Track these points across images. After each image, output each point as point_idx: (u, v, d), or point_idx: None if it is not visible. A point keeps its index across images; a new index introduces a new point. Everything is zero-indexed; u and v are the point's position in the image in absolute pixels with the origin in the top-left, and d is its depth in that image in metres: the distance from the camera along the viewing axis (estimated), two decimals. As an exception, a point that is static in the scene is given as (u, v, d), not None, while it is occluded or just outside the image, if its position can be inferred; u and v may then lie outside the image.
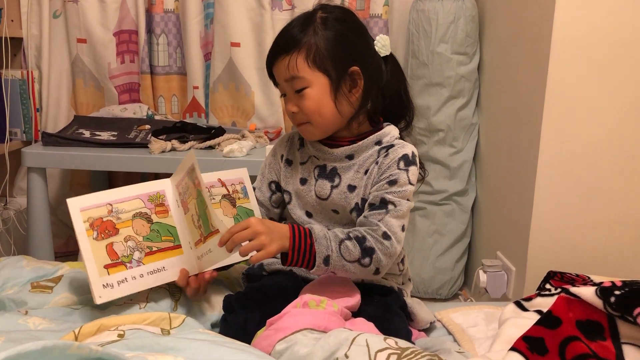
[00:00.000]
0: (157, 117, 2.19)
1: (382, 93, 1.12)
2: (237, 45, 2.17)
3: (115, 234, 1.03)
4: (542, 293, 1.11)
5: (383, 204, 1.04)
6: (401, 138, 1.13)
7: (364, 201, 1.08)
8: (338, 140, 1.12)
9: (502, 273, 1.80)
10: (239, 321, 1.01)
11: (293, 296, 1.01)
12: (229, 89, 2.24)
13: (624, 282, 0.92)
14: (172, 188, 1.11)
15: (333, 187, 1.11)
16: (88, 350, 0.62)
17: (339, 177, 1.11)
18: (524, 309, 1.09)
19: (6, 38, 2.10)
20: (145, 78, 2.22)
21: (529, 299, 1.11)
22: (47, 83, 2.22)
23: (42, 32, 2.19)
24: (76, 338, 0.84)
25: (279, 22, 2.14)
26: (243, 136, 1.96)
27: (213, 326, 1.07)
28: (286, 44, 1.06)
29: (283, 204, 1.20)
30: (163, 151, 1.80)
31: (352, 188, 1.10)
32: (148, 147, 1.81)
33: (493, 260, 1.84)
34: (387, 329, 0.97)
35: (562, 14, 1.53)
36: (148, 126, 2.02)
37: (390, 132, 1.12)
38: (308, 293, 1.01)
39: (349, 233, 1.02)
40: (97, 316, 0.98)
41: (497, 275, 1.79)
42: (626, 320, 0.88)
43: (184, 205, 1.08)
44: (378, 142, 1.10)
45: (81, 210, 1.01)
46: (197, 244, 1.07)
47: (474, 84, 2.10)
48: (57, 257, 1.81)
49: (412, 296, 1.19)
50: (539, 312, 1.05)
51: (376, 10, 2.23)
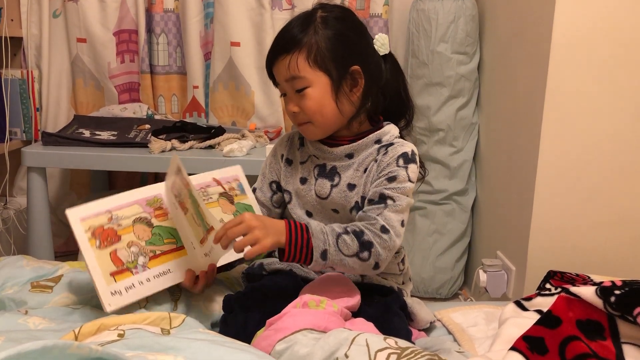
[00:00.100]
0: (157, 117, 2.19)
1: (382, 92, 1.12)
2: (237, 44, 2.17)
3: (117, 241, 1.02)
4: (542, 293, 1.11)
5: (382, 199, 1.04)
6: (401, 137, 1.13)
7: (364, 199, 1.08)
8: (338, 139, 1.12)
9: (502, 273, 1.80)
10: (239, 321, 1.00)
11: (293, 296, 1.01)
12: (229, 89, 2.24)
13: (624, 282, 0.92)
14: (167, 190, 1.11)
15: (333, 186, 1.11)
16: (88, 349, 0.62)
17: (339, 176, 1.11)
18: (524, 309, 1.09)
19: (6, 37, 2.10)
20: (145, 77, 2.22)
21: (529, 299, 1.11)
22: (47, 83, 2.22)
23: (42, 32, 2.19)
24: (76, 338, 0.84)
25: (279, 22, 2.14)
26: (243, 136, 1.96)
27: (213, 326, 1.07)
28: (286, 44, 1.05)
29: (284, 204, 1.20)
30: (163, 151, 1.80)
31: (352, 187, 1.09)
32: (148, 147, 1.81)
33: (493, 259, 1.84)
34: (387, 329, 0.97)
35: (562, 14, 1.53)
36: (148, 126, 2.02)
37: (390, 131, 1.12)
38: (308, 293, 1.01)
39: (347, 227, 1.02)
40: (97, 316, 0.98)
41: (497, 274, 1.79)
42: (626, 319, 0.88)
43: (182, 206, 1.08)
44: (378, 141, 1.10)
45: (81, 220, 1.00)
46: (202, 242, 1.07)
47: (474, 84, 2.10)
48: (57, 257, 1.81)
49: (412, 296, 1.19)
50: (539, 312, 1.05)
51: (376, 9, 2.23)
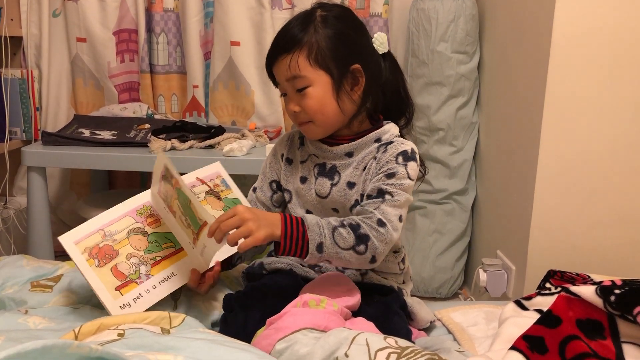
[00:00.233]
0: (157, 116, 2.19)
1: (382, 90, 1.12)
2: (237, 44, 2.17)
3: (116, 256, 1.02)
4: (542, 292, 1.11)
5: (380, 194, 1.04)
6: (401, 136, 1.13)
7: (363, 197, 1.08)
8: (338, 138, 1.12)
9: (502, 272, 1.80)
10: (239, 320, 1.00)
11: (293, 295, 1.01)
12: (229, 88, 2.24)
13: (624, 281, 0.92)
14: (155, 196, 1.11)
15: (333, 185, 1.11)
16: (88, 349, 0.62)
17: (339, 175, 1.11)
18: (524, 308, 1.09)
19: (6, 37, 2.10)
20: (145, 77, 2.22)
21: (529, 298, 1.11)
22: (47, 82, 2.22)
23: (42, 31, 2.19)
24: (76, 337, 0.84)
25: (279, 21, 2.14)
26: (243, 135, 1.96)
27: (213, 325, 1.07)
28: (287, 43, 1.05)
29: (284, 204, 1.20)
30: (163, 150, 1.80)
31: (352, 185, 1.09)
32: (148, 147, 1.81)
33: (493, 259, 1.84)
34: (387, 329, 0.97)
35: (562, 13, 1.53)
36: (148, 125, 2.02)
37: (389, 130, 1.11)
38: (308, 292, 1.00)
39: (343, 221, 1.01)
40: (97, 315, 0.98)
41: (497, 274, 1.79)
42: (626, 319, 0.89)
43: (171, 210, 1.08)
44: (377, 140, 1.10)
45: (75, 243, 1.00)
46: (194, 243, 1.07)
47: (474, 83, 2.10)
48: (57, 257, 1.80)
49: (412, 295, 1.19)
50: (539, 311, 1.05)
51: (376, 9, 2.22)
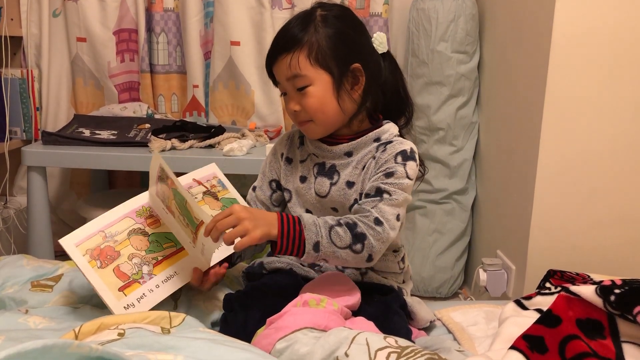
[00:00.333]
0: (157, 116, 2.19)
1: (382, 90, 1.12)
2: (237, 44, 2.17)
3: (117, 257, 1.02)
4: (542, 292, 1.11)
5: (378, 193, 1.04)
6: (401, 136, 1.13)
7: (362, 196, 1.08)
8: (338, 138, 1.12)
9: (502, 272, 1.80)
10: (239, 320, 1.00)
11: (293, 295, 1.01)
12: (229, 88, 2.24)
13: (624, 281, 0.92)
14: (153, 198, 1.11)
15: (332, 185, 1.11)
16: (88, 349, 0.62)
17: (338, 174, 1.11)
18: (524, 308, 1.09)
19: (6, 37, 2.10)
20: (145, 77, 2.22)
21: (529, 298, 1.11)
22: (47, 82, 2.22)
23: (42, 31, 2.19)
24: (76, 337, 0.83)
25: (279, 21, 2.14)
26: (243, 135, 1.96)
27: (213, 325, 1.07)
28: (287, 43, 1.05)
29: (284, 203, 1.20)
30: (163, 150, 1.80)
31: (351, 184, 1.10)
32: (148, 146, 1.81)
33: (493, 259, 1.84)
34: (387, 328, 0.97)
35: (562, 13, 1.53)
36: (148, 125, 2.02)
37: (389, 130, 1.12)
38: (308, 292, 1.00)
39: (340, 220, 1.01)
40: (97, 315, 0.98)
41: (497, 274, 1.79)
42: (626, 318, 0.89)
43: (169, 210, 1.08)
44: (377, 139, 1.10)
45: (76, 245, 1.00)
46: (193, 242, 1.07)
47: (474, 83, 2.10)
48: (57, 256, 1.80)
49: (412, 295, 1.19)
50: (539, 311, 1.05)
51: (376, 8, 2.22)
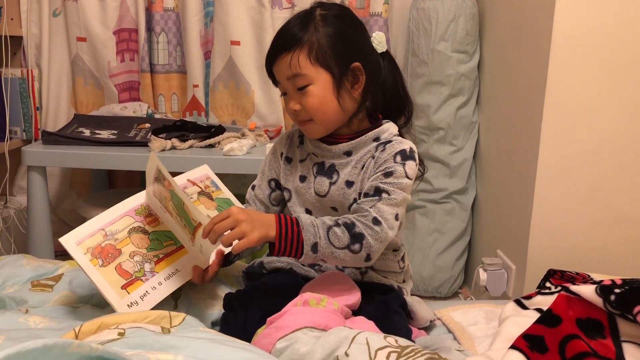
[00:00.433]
0: (157, 116, 2.19)
1: (381, 89, 1.12)
2: (237, 43, 2.17)
3: (119, 255, 1.02)
4: (542, 291, 1.11)
5: (377, 192, 1.04)
6: (401, 135, 1.13)
7: (361, 196, 1.08)
8: (337, 137, 1.12)
9: (502, 271, 1.80)
10: (239, 319, 1.01)
11: (293, 294, 1.01)
12: (229, 88, 2.24)
13: (624, 281, 0.92)
14: (150, 197, 1.11)
15: (331, 184, 1.11)
16: (88, 348, 0.62)
17: (337, 174, 1.11)
18: (524, 307, 1.09)
19: (6, 36, 2.10)
20: (145, 76, 2.22)
21: (529, 297, 1.11)
22: (47, 81, 2.22)
23: (42, 31, 2.19)
24: (76, 336, 0.83)
25: (279, 21, 2.14)
26: (243, 135, 1.96)
27: (213, 325, 1.07)
28: (287, 42, 1.05)
29: (283, 202, 1.20)
30: (163, 150, 1.80)
31: (350, 184, 1.10)
32: (148, 146, 1.81)
33: (493, 258, 1.84)
34: (387, 328, 0.97)
35: (562, 13, 1.53)
36: (148, 125, 2.02)
37: (388, 129, 1.12)
38: (308, 291, 1.00)
39: (338, 220, 1.01)
40: (98, 315, 0.98)
41: (497, 273, 1.79)
42: (626, 318, 0.89)
43: (167, 210, 1.08)
44: (376, 139, 1.10)
45: (77, 244, 1.00)
46: (192, 242, 1.07)
47: (474, 82, 2.10)
48: (57, 256, 1.80)
49: (412, 294, 1.19)
50: (539, 311, 1.05)
51: (376, 8, 2.22)
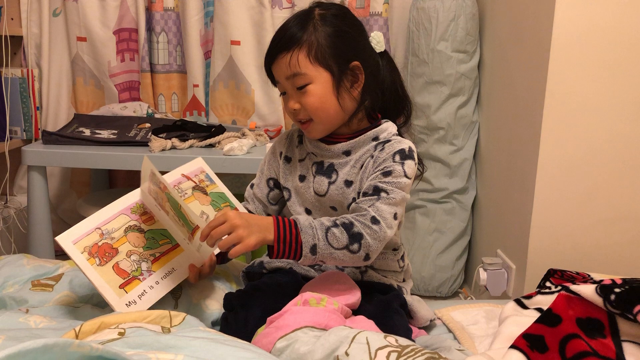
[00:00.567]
0: (157, 116, 2.19)
1: (380, 89, 1.12)
2: (237, 43, 2.17)
3: (116, 254, 1.03)
4: (542, 291, 1.11)
5: (375, 192, 1.04)
6: (400, 135, 1.13)
7: (360, 195, 1.08)
8: (336, 137, 1.12)
9: (502, 271, 1.80)
10: (240, 319, 1.01)
11: (293, 294, 1.01)
12: (229, 87, 2.24)
13: (624, 280, 0.93)
14: (145, 195, 1.11)
15: (330, 183, 1.11)
16: (89, 348, 0.62)
17: (336, 173, 1.11)
18: (524, 307, 1.09)
19: (6, 36, 2.10)
20: (145, 76, 2.22)
21: (529, 297, 1.11)
22: (47, 81, 2.22)
23: (42, 31, 2.19)
24: (77, 336, 0.84)
25: (279, 20, 2.14)
26: (243, 134, 1.96)
27: (213, 324, 1.07)
28: (286, 42, 1.06)
29: (281, 201, 1.20)
30: (163, 149, 1.80)
31: (349, 183, 1.10)
32: (148, 146, 1.81)
33: (493, 258, 1.84)
34: (387, 327, 0.97)
35: (562, 13, 1.53)
36: (148, 124, 2.02)
37: (387, 129, 1.12)
38: (308, 291, 1.01)
39: (336, 220, 1.01)
40: (98, 314, 0.98)
41: (497, 273, 1.79)
42: (626, 318, 0.89)
43: (163, 208, 1.08)
44: (375, 138, 1.10)
45: (74, 243, 1.00)
46: (190, 240, 1.07)
47: (474, 82, 2.10)
48: (58, 256, 1.81)
49: (412, 294, 1.19)
50: (539, 310, 1.05)
51: (376, 8, 2.22)
